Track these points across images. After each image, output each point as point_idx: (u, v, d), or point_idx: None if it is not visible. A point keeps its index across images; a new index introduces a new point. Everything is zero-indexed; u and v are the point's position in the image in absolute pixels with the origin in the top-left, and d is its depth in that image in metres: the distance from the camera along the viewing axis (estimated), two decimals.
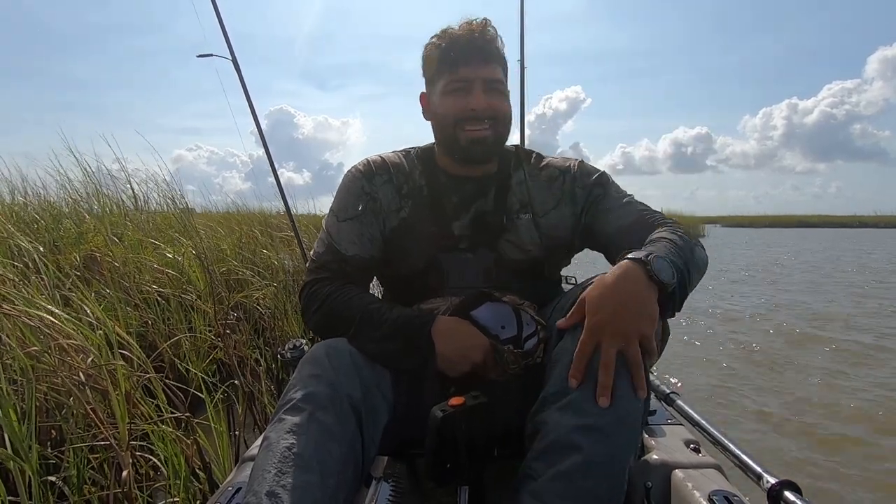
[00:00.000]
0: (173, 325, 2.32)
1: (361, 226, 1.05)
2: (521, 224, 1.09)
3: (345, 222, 1.05)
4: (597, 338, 0.79)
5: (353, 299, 0.97)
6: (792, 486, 0.81)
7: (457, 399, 0.82)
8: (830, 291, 7.66)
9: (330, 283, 1.01)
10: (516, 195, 1.11)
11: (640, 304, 0.80)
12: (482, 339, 0.94)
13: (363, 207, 1.05)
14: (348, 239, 1.04)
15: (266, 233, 4.43)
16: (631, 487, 0.97)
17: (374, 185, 1.07)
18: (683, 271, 0.86)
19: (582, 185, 1.11)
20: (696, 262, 0.94)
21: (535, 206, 1.10)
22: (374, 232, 1.06)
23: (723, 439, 1.00)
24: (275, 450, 0.76)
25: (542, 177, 1.13)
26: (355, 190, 1.07)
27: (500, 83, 1.06)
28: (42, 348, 1.23)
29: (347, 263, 1.04)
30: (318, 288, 1.01)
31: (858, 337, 4.72)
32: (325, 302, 0.98)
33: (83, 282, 2.24)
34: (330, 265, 1.04)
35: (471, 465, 0.83)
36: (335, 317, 0.97)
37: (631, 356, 0.79)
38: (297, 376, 0.86)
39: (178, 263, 2.75)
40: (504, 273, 1.08)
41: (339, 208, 1.07)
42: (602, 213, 1.08)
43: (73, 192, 3.85)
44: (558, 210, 1.11)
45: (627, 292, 0.80)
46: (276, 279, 3.42)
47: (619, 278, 0.81)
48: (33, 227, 3.01)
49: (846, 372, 3.71)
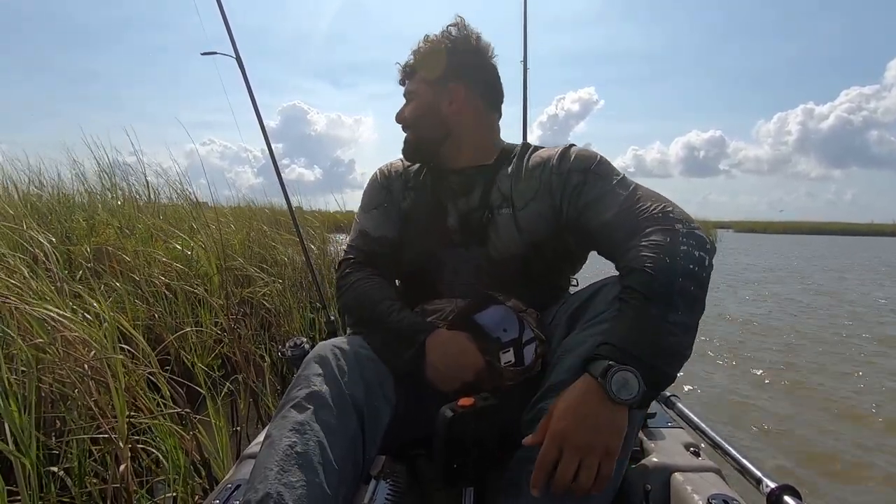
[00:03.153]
0: (180, 318, 2.34)
1: (384, 212, 1.16)
2: (501, 219, 1.06)
3: (370, 212, 1.18)
4: (558, 446, 0.76)
5: (373, 292, 1.04)
6: (791, 491, 0.80)
7: (466, 400, 0.81)
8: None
9: (360, 267, 1.11)
10: (500, 189, 1.08)
11: (604, 420, 0.75)
12: (476, 359, 0.93)
13: (385, 198, 1.17)
14: (374, 224, 1.15)
15: (275, 228, 4.45)
16: (630, 490, 0.97)
17: (390, 181, 1.19)
18: (659, 352, 0.78)
19: (558, 172, 1.04)
20: (686, 296, 0.81)
21: (514, 199, 1.06)
22: (395, 217, 1.16)
23: (723, 443, 1.00)
24: (277, 447, 0.76)
25: (528, 167, 1.08)
26: (376, 185, 1.20)
27: (410, 92, 1.16)
28: (48, 340, 1.25)
29: (376, 243, 1.14)
30: (350, 272, 1.10)
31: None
32: (352, 287, 1.07)
33: (94, 274, 2.27)
34: (361, 247, 1.14)
35: (479, 466, 0.82)
36: (357, 305, 1.05)
37: (588, 471, 0.75)
38: (301, 375, 0.87)
39: (187, 257, 2.78)
40: (495, 270, 1.07)
41: (366, 202, 1.20)
42: (583, 206, 0.99)
43: (87, 184, 3.91)
44: (536, 202, 1.05)
45: (589, 408, 0.76)
46: (283, 275, 3.44)
47: (581, 393, 0.77)
48: (47, 218, 3.05)
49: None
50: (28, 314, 1.24)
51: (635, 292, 0.81)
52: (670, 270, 0.81)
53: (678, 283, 0.80)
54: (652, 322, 0.78)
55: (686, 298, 0.80)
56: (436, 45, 1.12)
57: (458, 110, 1.12)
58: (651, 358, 0.76)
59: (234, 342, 2.09)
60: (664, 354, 0.78)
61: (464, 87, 1.11)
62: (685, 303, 0.80)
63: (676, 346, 0.79)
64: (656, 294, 0.80)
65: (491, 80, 1.15)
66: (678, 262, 0.82)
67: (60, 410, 1.30)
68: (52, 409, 1.30)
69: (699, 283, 0.83)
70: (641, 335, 0.78)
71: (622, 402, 0.74)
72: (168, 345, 1.97)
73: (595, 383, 0.76)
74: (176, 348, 2.02)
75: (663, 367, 0.78)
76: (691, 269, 0.82)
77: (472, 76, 1.12)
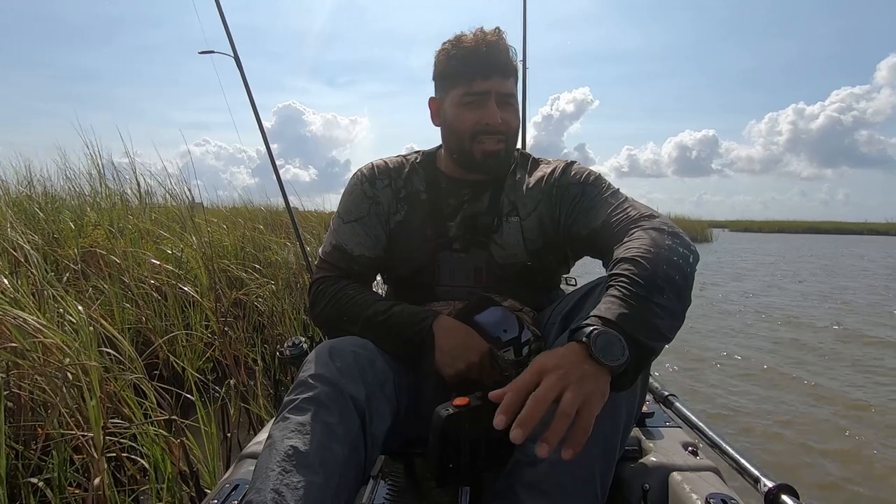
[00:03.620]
0: (170, 321, 2.31)
1: (365, 227, 1.10)
2: (509, 226, 1.09)
3: (349, 224, 1.11)
4: (537, 376, 0.69)
5: (357, 297, 1.02)
6: (789, 490, 0.80)
7: (461, 399, 0.81)
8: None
9: (335, 281, 1.06)
10: (509, 197, 1.11)
11: (587, 374, 0.70)
12: (481, 343, 0.95)
13: (367, 210, 1.11)
14: (354, 240, 1.10)
15: (269, 229, 4.42)
16: (628, 489, 0.98)
17: (375, 189, 1.12)
18: (643, 328, 0.75)
19: (559, 185, 1.08)
20: (671, 282, 0.80)
21: (520, 208, 1.10)
22: (378, 232, 1.11)
23: (720, 442, 0.99)
24: (278, 448, 0.76)
25: (532, 179, 1.12)
26: (358, 193, 1.13)
27: (513, 97, 1.07)
28: (24, 346, 1.21)
29: (354, 262, 1.10)
30: (326, 286, 1.06)
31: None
32: (333, 299, 1.03)
33: (82, 276, 2.23)
34: (337, 263, 1.09)
35: (473, 465, 0.82)
36: (342, 314, 1.01)
37: (569, 401, 0.66)
38: (302, 376, 0.86)
39: (177, 259, 2.74)
40: (494, 275, 1.09)
41: (345, 210, 1.13)
42: (577, 214, 1.05)
43: (77, 185, 3.88)
44: (537, 212, 1.09)
45: (572, 362, 0.70)
46: (278, 275, 3.41)
47: (565, 351, 0.72)
48: (34, 219, 3.01)
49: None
50: (6, 321, 1.20)
51: (622, 277, 0.80)
52: (656, 259, 0.82)
53: (663, 270, 0.81)
54: (637, 301, 0.77)
55: (671, 285, 0.80)
56: (510, 51, 1.07)
57: None
58: (635, 332, 0.74)
59: (225, 345, 2.06)
60: (649, 330, 0.76)
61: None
62: (670, 289, 0.80)
63: (661, 327, 0.77)
64: (642, 278, 0.79)
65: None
66: (663, 252, 0.83)
67: (40, 418, 1.27)
68: (32, 417, 1.27)
69: (683, 275, 0.83)
70: (628, 311, 0.76)
71: (605, 364, 0.70)
72: (157, 349, 1.93)
73: (579, 345, 0.72)
74: (165, 352, 1.98)
75: (647, 342, 0.75)
76: (676, 261, 0.83)
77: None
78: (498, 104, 1.04)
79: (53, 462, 1.24)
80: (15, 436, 1.14)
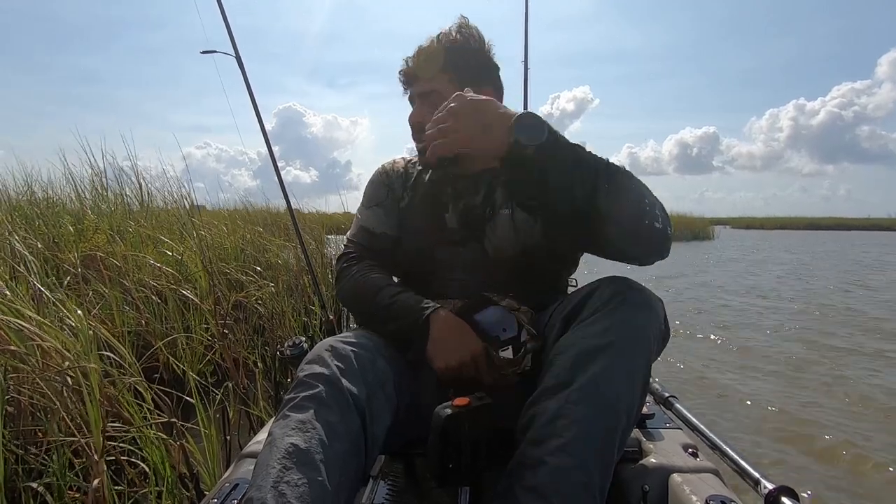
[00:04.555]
0: (170, 324, 2.31)
1: (386, 209, 1.20)
2: (501, 218, 1.10)
3: (371, 209, 1.22)
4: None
5: (374, 277, 1.09)
6: (789, 492, 0.80)
7: (461, 399, 0.81)
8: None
9: (360, 260, 1.15)
10: (503, 190, 1.11)
11: (492, 118, 0.82)
12: (475, 342, 0.96)
13: (386, 195, 1.21)
14: (375, 221, 1.20)
15: (270, 230, 4.42)
16: (628, 491, 0.98)
17: (390, 178, 1.23)
18: (572, 161, 0.82)
19: None
20: (625, 184, 0.84)
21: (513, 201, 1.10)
22: (395, 215, 1.20)
23: (721, 444, 0.99)
24: (279, 446, 0.76)
25: None
26: (378, 182, 1.24)
27: (432, 93, 1.11)
28: (24, 350, 1.22)
29: (377, 240, 1.19)
30: (349, 264, 1.15)
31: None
32: (352, 278, 1.11)
33: (83, 280, 2.23)
34: (362, 242, 1.19)
35: (473, 465, 0.82)
36: (357, 291, 1.09)
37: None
38: (301, 375, 0.86)
39: (178, 262, 2.74)
40: (491, 270, 1.10)
41: (367, 198, 1.24)
42: None
43: (78, 189, 3.88)
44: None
45: (489, 110, 0.83)
46: (278, 277, 3.41)
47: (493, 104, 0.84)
48: (34, 224, 3.01)
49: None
50: (5, 326, 1.21)
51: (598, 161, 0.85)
52: (636, 197, 0.85)
53: (644, 201, 0.85)
54: (591, 161, 0.83)
55: (624, 196, 0.83)
56: (464, 44, 1.12)
57: None
58: (565, 154, 0.81)
59: (225, 348, 2.06)
60: (575, 170, 0.81)
61: (492, 91, 1.14)
62: (621, 194, 0.83)
63: (583, 186, 0.81)
64: (607, 165, 0.84)
65: (500, 82, 1.17)
66: (644, 200, 0.85)
67: (40, 423, 1.27)
68: (31, 422, 1.27)
69: (658, 219, 0.85)
70: (577, 148, 0.83)
71: (514, 128, 0.80)
72: (157, 351, 1.93)
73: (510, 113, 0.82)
74: (166, 355, 1.98)
75: (565, 168, 0.81)
76: (654, 210, 0.86)
77: (495, 79, 1.15)
78: (421, 104, 1.13)
79: (53, 466, 1.24)
80: (14, 439, 1.14)
